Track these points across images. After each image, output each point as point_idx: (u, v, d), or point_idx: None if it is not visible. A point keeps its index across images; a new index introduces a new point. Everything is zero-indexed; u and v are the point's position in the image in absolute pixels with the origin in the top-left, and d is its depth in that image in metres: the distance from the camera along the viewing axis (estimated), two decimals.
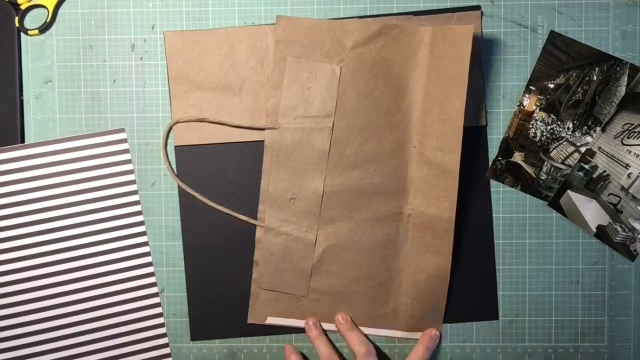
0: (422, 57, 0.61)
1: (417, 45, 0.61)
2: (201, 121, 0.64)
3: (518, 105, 0.64)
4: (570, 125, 0.63)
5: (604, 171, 0.63)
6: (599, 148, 0.63)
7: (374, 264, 0.64)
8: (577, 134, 0.63)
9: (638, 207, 0.63)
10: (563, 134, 0.63)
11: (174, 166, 0.64)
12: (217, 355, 0.65)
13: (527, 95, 0.64)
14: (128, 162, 0.64)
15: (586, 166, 0.63)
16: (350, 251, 0.64)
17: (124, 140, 0.64)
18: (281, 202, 0.63)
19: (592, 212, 0.63)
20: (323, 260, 0.64)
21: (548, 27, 0.63)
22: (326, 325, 0.65)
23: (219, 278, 0.65)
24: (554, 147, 0.63)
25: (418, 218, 0.63)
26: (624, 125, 0.62)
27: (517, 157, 0.64)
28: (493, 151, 0.64)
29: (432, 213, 0.62)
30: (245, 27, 0.64)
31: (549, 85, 0.63)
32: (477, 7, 0.63)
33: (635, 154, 0.62)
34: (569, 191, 0.63)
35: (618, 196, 0.63)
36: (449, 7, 0.63)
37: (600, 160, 0.63)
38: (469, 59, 0.59)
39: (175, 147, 0.64)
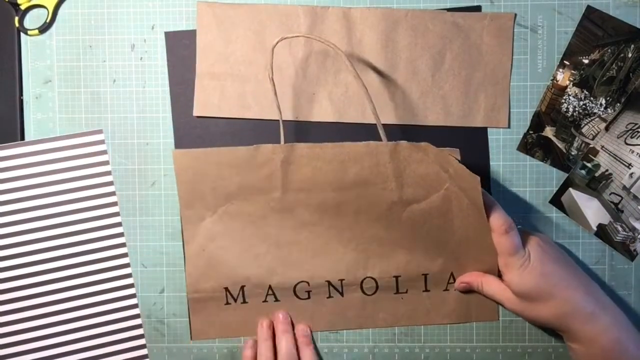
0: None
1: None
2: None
3: (551, 80, 0.63)
4: (603, 102, 0.63)
5: (607, 170, 0.63)
6: (602, 147, 0.62)
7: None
8: (609, 110, 0.63)
9: (639, 207, 0.62)
10: (595, 110, 0.63)
11: None
12: (217, 355, 0.65)
13: (560, 70, 0.63)
14: (106, 163, 0.64)
15: (589, 165, 0.63)
16: None
17: (101, 142, 0.64)
18: None
19: (593, 210, 0.63)
20: None
21: (548, 27, 0.63)
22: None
23: None
24: (585, 122, 0.63)
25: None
26: (628, 124, 0.62)
27: (548, 131, 0.63)
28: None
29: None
30: (277, 5, 0.63)
31: (584, 60, 0.63)
32: (478, 8, 0.63)
33: (638, 153, 0.62)
34: (570, 189, 0.63)
35: (619, 195, 0.63)
36: (448, 7, 0.63)
37: (603, 159, 0.63)
38: None
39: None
